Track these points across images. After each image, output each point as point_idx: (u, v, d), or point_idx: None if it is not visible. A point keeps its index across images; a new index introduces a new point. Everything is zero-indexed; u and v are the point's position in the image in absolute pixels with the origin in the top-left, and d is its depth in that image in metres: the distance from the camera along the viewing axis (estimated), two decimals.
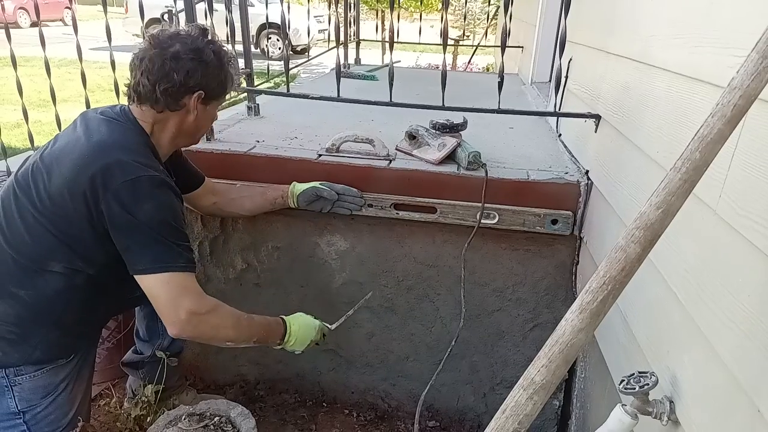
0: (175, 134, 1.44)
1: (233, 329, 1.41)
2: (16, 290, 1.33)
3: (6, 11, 5.42)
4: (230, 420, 1.53)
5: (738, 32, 0.90)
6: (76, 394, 1.49)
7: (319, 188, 1.74)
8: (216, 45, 1.41)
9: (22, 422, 1.41)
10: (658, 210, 0.73)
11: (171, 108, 1.39)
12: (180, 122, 1.42)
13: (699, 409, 0.91)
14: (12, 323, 1.34)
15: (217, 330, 1.40)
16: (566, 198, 1.70)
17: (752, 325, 0.78)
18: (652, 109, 1.25)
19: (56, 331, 1.39)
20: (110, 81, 2.12)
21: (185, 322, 1.32)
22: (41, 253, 1.33)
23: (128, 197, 1.28)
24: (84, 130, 1.37)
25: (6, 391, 1.38)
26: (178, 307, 1.32)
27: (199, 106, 1.41)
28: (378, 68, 3.88)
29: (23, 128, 2.31)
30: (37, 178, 1.33)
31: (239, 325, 1.43)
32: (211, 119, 1.52)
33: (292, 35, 10.89)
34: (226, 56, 1.44)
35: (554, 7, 2.76)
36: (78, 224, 1.31)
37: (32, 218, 1.32)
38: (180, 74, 1.34)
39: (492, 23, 7.63)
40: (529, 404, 0.77)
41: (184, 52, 1.34)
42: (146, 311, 1.79)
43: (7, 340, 1.35)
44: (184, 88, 1.36)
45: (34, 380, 1.39)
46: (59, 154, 1.35)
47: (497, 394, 2.00)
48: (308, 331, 1.57)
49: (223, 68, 1.42)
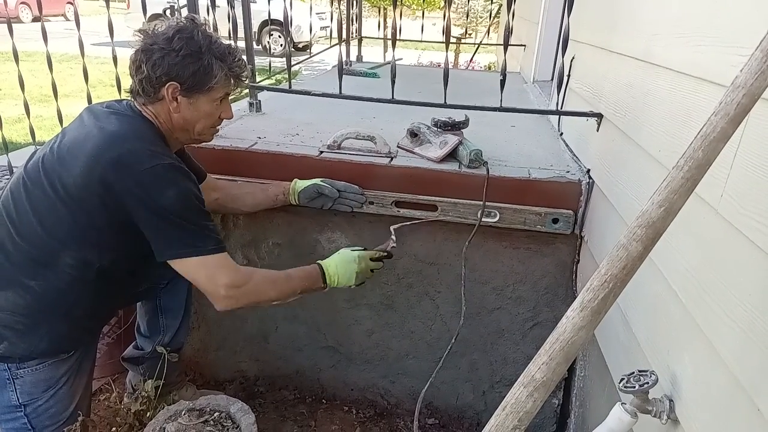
0: (170, 128, 1.44)
1: (273, 291, 1.48)
2: (27, 281, 1.34)
3: (8, 6, 5.37)
4: (230, 415, 1.53)
5: (741, 31, 0.90)
6: (77, 388, 1.49)
7: (320, 185, 1.74)
8: (191, 34, 1.35)
9: (23, 415, 1.41)
10: (661, 208, 0.72)
11: (151, 100, 1.39)
12: (167, 115, 1.41)
13: (699, 408, 0.91)
14: (21, 314, 1.35)
15: (258, 296, 1.46)
16: (567, 197, 1.70)
17: (753, 324, 0.78)
18: (655, 108, 1.25)
19: (64, 323, 1.40)
20: (112, 76, 2.12)
21: (227, 297, 1.39)
22: (54, 246, 1.33)
23: (150, 186, 1.29)
24: (94, 122, 1.37)
25: (7, 384, 1.38)
26: (217, 286, 1.38)
27: (180, 98, 1.38)
28: (380, 66, 3.88)
29: (25, 123, 2.31)
30: (50, 171, 1.33)
31: (277, 286, 1.49)
32: (207, 114, 1.43)
33: (294, 32, 10.88)
34: (208, 47, 1.36)
35: (557, 5, 2.76)
36: (95, 216, 1.32)
37: (46, 211, 1.32)
38: (148, 65, 1.33)
39: (494, 21, 7.63)
40: (529, 401, 0.77)
41: (156, 43, 1.34)
42: (147, 307, 1.79)
43: (15, 330, 1.35)
44: (155, 79, 1.35)
45: (35, 373, 1.39)
46: (71, 146, 1.34)
47: (496, 392, 2.00)
48: (348, 266, 1.56)
49: (200, 58, 1.35)
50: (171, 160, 1.35)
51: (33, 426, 1.43)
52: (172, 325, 1.79)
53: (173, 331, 1.79)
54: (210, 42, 1.38)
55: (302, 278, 1.53)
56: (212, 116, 1.46)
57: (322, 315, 2.03)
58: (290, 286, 1.51)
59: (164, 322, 1.79)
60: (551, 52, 3.09)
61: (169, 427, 1.45)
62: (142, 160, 1.29)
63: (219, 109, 1.46)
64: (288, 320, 2.07)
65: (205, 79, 1.38)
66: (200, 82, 1.38)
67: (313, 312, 2.03)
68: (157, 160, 1.31)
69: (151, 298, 1.76)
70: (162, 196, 1.30)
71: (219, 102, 1.45)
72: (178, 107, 1.39)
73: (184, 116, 1.41)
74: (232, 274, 1.40)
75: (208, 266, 1.37)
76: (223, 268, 1.39)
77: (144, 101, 1.40)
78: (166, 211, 1.31)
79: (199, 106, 1.42)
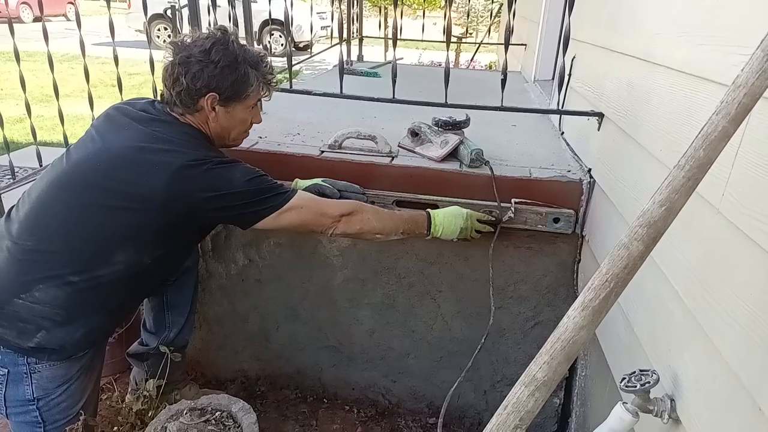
0: (208, 136, 1.48)
1: (377, 221, 1.51)
2: (72, 277, 1.35)
3: (9, 6, 5.40)
4: (231, 415, 1.53)
5: (743, 30, 0.90)
6: (87, 384, 1.51)
7: (321, 185, 1.74)
8: (226, 45, 1.40)
9: (35, 408, 1.42)
10: (662, 208, 0.72)
11: (190, 111, 1.43)
12: (206, 124, 1.47)
13: (700, 407, 0.91)
14: (60, 306, 1.36)
15: (363, 224, 1.50)
16: (568, 196, 1.70)
17: (754, 323, 0.78)
18: (656, 107, 1.25)
19: (99, 315, 1.43)
20: (113, 76, 2.12)
21: (342, 224, 1.47)
22: (109, 247, 1.36)
23: (218, 178, 1.35)
24: (138, 128, 1.39)
25: (24, 378, 1.39)
26: (326, 216, 1.45)
27: (218, 108, 1.44)
28: (381, 65, 3.87)
29: (26, 123, 2.31)
30: (102, 178, 1.34)
31: (383, 219, 1.52)
32: (241, 121, 1.50)
33: (295, 32, 10.87)
34: (243, 56, 1.42)
35: (558, 4, 2.75)
36: (162, 221, 1.35)
37: (102, 216, 1.34)
38: (187, 77, 1.38)
39: (495, 21, 7.63)
40: (531, 401, 0.78)
41: (193, 55, 1.38)
42: (154, 302, 1.81)
43: (53, 321, 1.36)
44: (194, 91, 1.39)
45: (53, 369, 1.41)
46: (124, 152, 1.35)
47: (498, 391, 2.00)
48: (455, 219, 1.60)
49: (236, 69, 1.41)
50: (216, 155, 1.42)
51: (44, 420, 1.44)
52: (178, 321, 1.81)
53: (179, 328, 1.81)
54: (244, 51, 1.44)
55: (407, 220, 1.57)
56: (246, 122, 1.54)
57: (323, 314, 2.03)
58: (394, 223, 1.54)
59: (170, 318, 1.80)
60: (552, 51, 3.09)
61: (171, 426, 1.45)
62: (204, 163, 1.34)
63: (251, 115, 1.53)
64: (289, 320, 2.07)
65: (242, 89, 1.44)
66: (238, 91, 1.44)
67: (315, 311, 2.03)
68: (208, 160, 1.36)
69: (159, 294, 1.78)
70: (231, 184, 1.36)
71: (251, 108, 1.51)
72: (216, 116, 1.45)
73: (222, 124, 1.47)
74: (333, 204, 1.49)
75: (306, 205, 1.44)
76: (321, 202, 1.48)
77: (182, 111, 1.44)
78: (241, 188, 1.36)
79: (236, 114, 1.48)
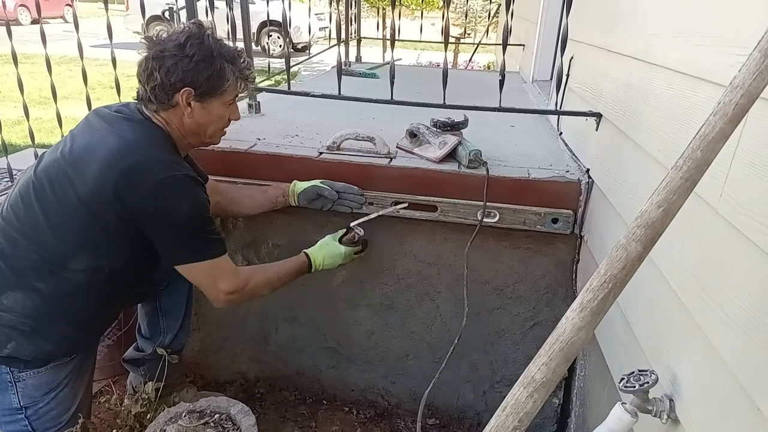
0: (182, 133, 1.45)
1: (267, 288, 1.60)
2: (36, 284, 1.34)
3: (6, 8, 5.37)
4: (230, 417, 1.53)
5: (740, 30, 0.90)
6: (77, 390, 1.49)
7: (319, 187, 1.74)
8: (201, 39, 1.36)
9: (23, 417, 1.41)
10: (660, 208, 0.72)
11: (164, 107, 1.40)
12: (180, 120, 1.43)
13: (699, 407, 0.92)
14: (29, 316, 1.35)
15: (254, 294, 1.57)
16: (567, 197, 1.70)
17: (752, 323, 0.78)
18: (654, 108, 1.25)
19: (71, 325, 1.41)
20: (111, 78, 2.12)
21: (226, 300, 1.49)
22: (66, 252, 1.34)
23: (163, 198, 1.31)
24: (106, 127, 1.37)
25: (9, 387, 1.38)
26: (218, 290, 1.47)
27: (194, 103, 1.40)
28: (379, 66, 3.87)
29: (24, 125, 2.31)
30: (63, 177, 1.33)
31: (271, 283, 1.60)
32: (218, 117, 1.47)
33: (293, 33, 10.88)
34: (219, 51, 1.38)
35: (556, 4, 2.76)
36: (107, 223, 1.33)
37: (57, 216, 1.32)
38: (161, 72, 1.34)
39: (493, 21, 7.63)
40: (530, 402, 0.78)
41: (167, 49, 1.35)
42: (148, 308, 1.79)
43: (22, 332, 1.35)
44: (169, 86, 1.36)
45: (37, 377, 1.39)
46: (84, 152, 1.34)
47: (497, 392, 2.00)
48: (333, 260, 1.69)
49: (212, 63, 1.37)
50: (184, 171, 1.37)
51: (34, 428, 1.43)
52: (173, 326, 1.79)
53: (174, 333, 1.80)
54: (220, 46, 1.41)
55: (292, 272, 1.64)
56: (223, 119, 1.50)
57: (322, 316, 2.03)
58: (281, 282, 1.62)
59: (165, 323, 1.79)
60: (550, 51, 3.09)
61: (170, 429, 1.45)
62: (156, 171, 1.31)
63: (228, 111, 1.49)
64: (288, 321, 2.07)
65: (218, 83, 1.41)
66: (213, 86, 1.41)
67: (313, 313, 2.03)
68: (170, 171, 1.33)
69: (152, 300, 1.77)
70: (174, 209, 1.33)
71: (229, 104, 1.48)
72: (191, 112, 1.41)
73: (197, 121, 1.44)
74: (233, 279, 1.49)
75: (211, 270, 1.44)
76: (225, 274, 1.47)
77: (156, 108, 1.41)
78: (179, 224, 1.34)
79: (212, 110, 1.44)
